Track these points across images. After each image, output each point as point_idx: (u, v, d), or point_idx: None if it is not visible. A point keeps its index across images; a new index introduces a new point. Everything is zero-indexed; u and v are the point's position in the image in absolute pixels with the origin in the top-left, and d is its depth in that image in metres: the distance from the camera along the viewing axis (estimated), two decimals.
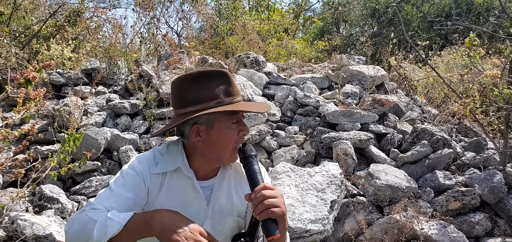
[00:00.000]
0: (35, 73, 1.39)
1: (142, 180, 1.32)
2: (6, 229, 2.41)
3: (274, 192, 1.19)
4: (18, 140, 3.25)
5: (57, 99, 4.36)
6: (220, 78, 1.34)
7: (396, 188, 3.12)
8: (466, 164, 3.69)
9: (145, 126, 4.07)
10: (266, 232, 1.15)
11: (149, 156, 1.38)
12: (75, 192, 3.25)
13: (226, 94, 1.32)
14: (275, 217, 1.15)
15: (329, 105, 4.36)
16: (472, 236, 3.07)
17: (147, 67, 4.62)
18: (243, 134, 1.33)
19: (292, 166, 3.23)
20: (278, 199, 1.17)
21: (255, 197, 1.17)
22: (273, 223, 1.15)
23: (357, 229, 2.97)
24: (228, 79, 1.35)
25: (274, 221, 1.15)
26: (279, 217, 1.16)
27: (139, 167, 1.34)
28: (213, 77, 1.34)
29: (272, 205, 1.15)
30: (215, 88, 1.32)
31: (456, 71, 5.20)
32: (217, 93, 1.31)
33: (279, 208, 1.16)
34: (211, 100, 1.30)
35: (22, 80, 1.38)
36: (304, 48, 7.73)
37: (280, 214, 1.16)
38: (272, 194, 1.17)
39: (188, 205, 1.38)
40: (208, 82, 1.33)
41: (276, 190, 1.21)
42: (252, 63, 5.10)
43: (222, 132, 1.30)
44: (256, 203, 1.16)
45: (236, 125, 1.32)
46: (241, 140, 1.33)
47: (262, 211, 1.15)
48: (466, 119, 4.97)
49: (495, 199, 3.20)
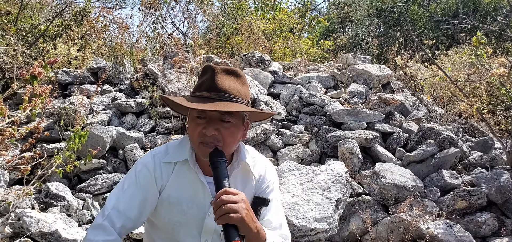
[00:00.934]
0: (40, 69, 1.40)
1: (153, 177, 1.37)
2: (12, 226, 2.43)
3: (235, 197, 1.16)
4: (25, 138, 3.28)
5: (63, 97, 4.39)
6: (207, 73, 1.37)
7: (401, 187, 3.10)
8: (473, 163, 3.66)
9: (151, 125, 4.08)
10: (225, 237, 1.12)
11: (162, 148, 1.44)
12: (81, 190, 3.27)
13: (204, 89, 1.32)
14: (232, 222, 1.13)
15: (335, 104, 4.34)
16: (479, 235, 3.04)
17: (153, 66, 4.63)
18: (204, 131, 1.29)
19: (297, 165, 3.22)
20: (238, 204, 1.15)
21: (214, 202, 1.16)
22: (233, 229, 1.12)
23: (362, 228, 2.95)
24: (211, 74, 1.35)
25: (234, 227, 1.13)
26: (237, 223, 1.14)
27: (152, 163, 1.38)
28: (207, 71, 1.38)
29: (230, 210, 1.13)
30: (200, 81, 1.37)
31: (463, 71, 5.15)
32: (198, 85, 1.37)
33: (237, 213, 1.14)
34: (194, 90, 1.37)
35: (28, 76, 1.39)
36: (309, 47, 7.70)
37: (238, 220, 1.14)
38: (232, 199, 1.15)
39: (195, 197, 1.40)
40: (202, 75, 1.39)
41: (239, 194, 1.18)
42: (258, 62, 5.09)
43: (190, 122, 1.35)
44: (215, 208, 1.15)
45: (202, 120, 1.31)
46: (203, 137, 1.30)
47: (220, 216, 1.13)
48: (473, 119, 4.92)
49: (502, 199, 3.17)
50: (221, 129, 1.31)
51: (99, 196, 3.24)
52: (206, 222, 1.41)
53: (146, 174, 1.37)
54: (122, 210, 1.32)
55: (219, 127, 1.30)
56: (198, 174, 1.39)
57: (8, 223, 2.44)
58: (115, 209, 1.32)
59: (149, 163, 1.39)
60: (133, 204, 1.34)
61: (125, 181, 1.39)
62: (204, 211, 1.40)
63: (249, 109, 1.36)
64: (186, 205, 1.39)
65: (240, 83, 1.39)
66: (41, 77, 1.43)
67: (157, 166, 1.38)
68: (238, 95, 1.35)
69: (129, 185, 1.36)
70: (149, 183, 1.36)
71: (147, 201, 1.36)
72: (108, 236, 1.28)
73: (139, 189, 1.35)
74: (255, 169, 1.51)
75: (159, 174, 1.38)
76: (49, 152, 3.46)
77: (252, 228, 1.21)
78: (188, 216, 1.39)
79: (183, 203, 1.39)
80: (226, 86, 1.33)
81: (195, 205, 1.39)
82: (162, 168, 1.38)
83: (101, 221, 1.31)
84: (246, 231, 1.19)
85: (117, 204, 1.33)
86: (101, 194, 3.26)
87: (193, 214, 1.40)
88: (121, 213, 1.32)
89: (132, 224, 1.35)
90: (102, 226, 1.29)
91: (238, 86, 1.37)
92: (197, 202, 1.39)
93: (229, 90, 1.33)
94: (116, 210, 1.32)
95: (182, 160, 1.40)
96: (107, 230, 1.29)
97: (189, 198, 1.39)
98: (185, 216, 1.39)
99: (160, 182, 1.38)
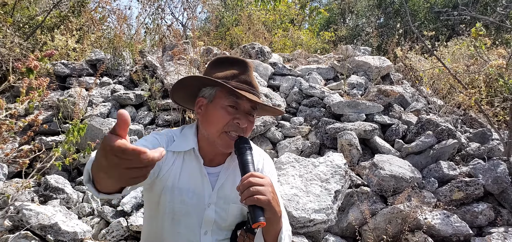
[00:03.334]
0: (36, 62, 1.40)
1: (161, 140, 1.39)
2: (11, 219, 2.44)
3: (262, 180, 1.19)
4: (23, 130, 3.28)
5: (62, 90, 4.38)
6: (240, 66, 1.39)
7: (400, 178, 3.11)
8: (471, 154, 3.67)
9: (150, 117, 4.08)
10: (251, 218, 1.15)
11: (167, 133, 1.45)
12: (80, 183, 3.28)
13: (237, 80, 1.35)
14: (260, 204, 1.15)
15: (334, 96, 4.34)
16: (475, 225, 3.06)
17: (152, 58, 4.62)
18: (237, 122, 1.32)
19: (297, 156, 3.23)
20: (265, 188, 1.18)
21: (241, 184, 1.18)
22: (259, 210, 1.15)
23: (361, 219, 2.97)
24: (246, 68, 1.38)
25: (260, 209, 1.16)
26: (264, 205, 1.16)
27: (161, 138, 1.41)
28: (235, 64, 1.39)
29: (257, 192, 1.15)
30: (229, 71, 1.37)
31: (462, 62, 5.14)
32: (228, 75, 1.36)
33: (264, 196, 1.16)
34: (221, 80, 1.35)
35: (23, 69, 1.39)
36: (310, 39, 7.67)
37: (266, 202, 1.16)
38: (259, 181, 1.17)
39: (196, 187, 1.42)
40: (229, 67, 1.39)
41: (265, 178, 1.21)
42: (257, 54, 5.07)
43: (217, 110, 1.34)
44: (242, 189, 1.17)
45: (233, 110, 1.33)
46: (234, 127, 1.33)
47: (248, 197, 1.15)
48: (472, 110, 4.93)
49: (499, 189, 3.18)
50: (248, 122, 1.36)
51: None
52: (206, 213, 1.42)
53: (155, 136, 1.40)
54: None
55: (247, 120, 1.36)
56: (200, 164, 1.41)
57: (7, 216, 2.45)
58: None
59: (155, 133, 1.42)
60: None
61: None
62: (204, 201, 1.41)
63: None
64: (186, 195, 1.40)
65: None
66: (37, 70, 1.42)
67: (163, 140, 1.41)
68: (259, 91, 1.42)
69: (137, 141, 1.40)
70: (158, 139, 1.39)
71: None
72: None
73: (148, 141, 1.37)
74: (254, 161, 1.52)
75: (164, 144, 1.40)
76: (47, 144, 3.47)
77: (277, 211, 1.24)
78: (189, 206, 1.40)
79: (184, 193, 1.40)
80: (254, 83, 1.40)
81: (195, 195, 1.41)
82: (168, 153, 1.40)
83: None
84: (271, 214, 1.21)
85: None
86: None
87: (193, 204, 1.41)
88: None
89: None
90: None
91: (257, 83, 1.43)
92: (197, 192, 1.41)
93: (256, 87, 1.40)
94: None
95: (186, 150, 1.41)
96: None
97: (190, 188, 1.41)
98: (185, 206, 1.40)
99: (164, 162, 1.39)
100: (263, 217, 1.15)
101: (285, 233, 1.40)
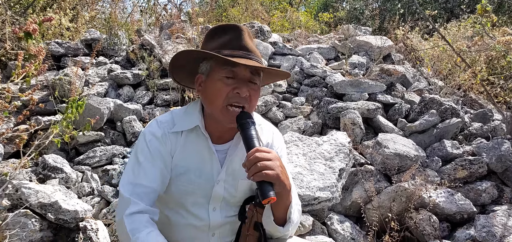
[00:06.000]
0: (35, 26, 1.31)
1: (163, 144, 1.32)
2: (10, 197, 2.37)
3: (269, 154, 1.14)
4: (18, 111, 3.19)
5: (57, 70, 4.27)
6: (233, 31, 1.29)
7: (404, 156, 3.08)
8: (473, 134, 3.65)
9: (148, 96, 3.99)
10: (260, 194, 1.11)
11: (167, 117, 1.38)
12: (79, 162, 3.21)
13: (231, 47, 1.25)
14: (269, 179, 1.11)
15: (336, 75, 4.28)
16: (479, 203, 3.05)
17: (149, 37, 4.50)
18: (237, 92, 1.24)
19: (300, 135, 3.18)
20: (273, 162, 1.13)
21: (248, 160, 1.13)
22: (268, 186, 1.11)
23: (365, 197, 2.94)
24: (239, 33, 1.28)
25: (269, 184, 1.11)
26: (273, 180, 1.12)
27: (159, 132, 1.33)
28: (227, 31, 1.30)
29: (265, 167, 1.11)
30: (223, 40, 1.28)
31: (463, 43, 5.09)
32: (222, 44, 1.27)
33: (273, 170, 1.12)
34: (214, 50, 1.26)
35: (21, 33, 1.30)
36: (308, 20, 7.57)
37: (274, 177, 1.12)
38: (267, 156, 1.13)
39: (203, 165, 1.37)
40: (222, 35, 1.30)
41: (272, 152, 1.16)
42: (257, 33, 4.97)
43: (214, 84, 1.26)
44: (249, 165, 1.12)
45: (232, 81, 1.24)
46: (235, 98, 1.24)
47: (256, 173, 1.11)
48: (472, 91, 4.91)
49: (502, 167, 3.17)
50: (250, 90, 1.26)
51: (98, 169, 3.18)
52: (215, 190, 1.38)
53: (157, 143, 1.32)
54: (146, 184, 1.26)
55: (249, 88, 1.26)
56: (208, 140, 1.36)
57: (6, 194, 2.38)
58: (138, 185, 1.25)
59: (157, 131, 1.34)
60: (155, 175, 1.28)
61: (138, 155, 1.31)
62: (212, 179, 1.37)
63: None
64: (194, 173, 1.35)
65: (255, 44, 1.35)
66: (36, 34, 1.33)
67: (165, 133, 1.33)
68: (259, 55, 1.32)
69: (145, 158, 1.29)
70: (162, 150, 1.32)
71: (166, 167, 1.32)
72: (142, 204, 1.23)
73: (155, 159, 1.29)
74: (263, 135, 1.47)
75: (168, 141, 1.33)
76: (44, 124, 3.38)
77: (287, 185, 1.19)
78: (196, 184, 1.36)
79: (191, 172, 1.35)
80: (251, 47, 1.28)
81: (203, 174, 1.36)
82: (170, 137, 1.34)
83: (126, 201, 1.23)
84: (281, 188, 1.16)
85: (138, 180, 1.26)
86: (100, 166, 3.20)
87: (201, 183, 1.36)
88: (145, 187, 1.26)
89: (156, 194, 1.29)
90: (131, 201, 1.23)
91: (255, 48, 1.33)
92: (205, 170, 1.36)
93: (254, 51, 1.29)
94: (140, 186, 1.25)
95: (190, 128, 1.35)
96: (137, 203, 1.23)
97: (196, 166, 1.35)
98: (192, 185, 1.36)
99: (169, 147, 1.34)
100: (273, 192, 1.11)
101: (295, 207, 1.36)
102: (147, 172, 1.27)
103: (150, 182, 1.26)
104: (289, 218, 1.28)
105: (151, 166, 1.28)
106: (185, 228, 1.39)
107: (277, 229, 1.28)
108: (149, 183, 1.26)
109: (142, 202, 1.22)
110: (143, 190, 1.25)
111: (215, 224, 1.40)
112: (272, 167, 1.12)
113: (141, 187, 1.25)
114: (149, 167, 1.28)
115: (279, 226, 1.28)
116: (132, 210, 1.19)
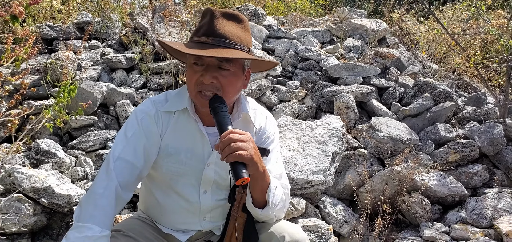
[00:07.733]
0: (21, 8, 1.28)
1: (154, 123, 1.33)
2: (3, 182, 2.37)
3: (243, 136, 1.15)
4: (9, 95, 3.15)
5: (49, 53, 4.21)
6: (205, 17, 1.30)
7: (397, 140, 3.10)
8: (467, 117, 3.68)
9: (142, 81, 3.96)
10: (234, 175, 1.12)
11: (161, 96, 1.40)
12: (72, 147, 3.20)
13: (201, 33, 1.27)
14: (242, 160, 1.12)
15: (331, 59, 4.26)
16: (470, 186, 3.09)
17: (142, 20, 4.44)
18: (201, 79, 1.24)
19: (293, 119, 3.18)
20: (247, 143, 1.14)
21: (221, 141, 1.13)
22: (241, 166, 1.12)
23: (357, 181, 2.97)
24: (209, 18, 1.27)
25: (243, 165, 1.13)
26: (247, 161, 1.13)
27: (153, 110, 1.35)
28: (204, 15, 1.32)
29: (238, 148, 1.11)
30: (199, 26, 1.31)
31: (458, 26, 5.07)
32: (196, 29, 1.30)
33: (247, 151, 1.13)
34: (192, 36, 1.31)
35: (7, 17, 1.27)
36: (303, 3, 7.48)
37: (248, 157, 1.13)
38: (240, 137, 1.14)
39: (194, 147, 1.37)
40: (201, 20, 1.33)
41: (246, 134, 1.17)
42: (251, 16, 4.92)
43: (188, 69, 1.30)
44: (222, 147, 1.13)
45: (200, 67, 1.25)
46: (200, 85, 1.25)
47: (229, 154, 1.11)
48: (466, 75, 4.92)
49: (494, 151, 3.21)
50: (220, 77, 1.25)
51: (92, 153, 3.17)
52: (205, 172, 1.38)
53: (148, 121, 1.32)
54: (130, 160, 1.28)
55: (217, 75, 1.24)
56: (198, 122, 1.36)
57: None
58: (121, 159, 1.27)
59: (151, 109, 1.34)
60: (139, 153, 1.29)
61: (127, 129, 1.33)
62: (203, 161, 1.38)
63: (249, 57, 1.28)
64: (184, 155, 1.36)
65: (241, 29, 1.31)
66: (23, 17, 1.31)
67: (157, 112, 1.34)
68: (239, 41, 1.27)
69: (133, 133, 1.31)
70: (152, 129, 1.32)
71: (152, 147, 1.33)
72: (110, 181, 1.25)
73: (143, 136, 1.31)
74: (256, 120, 1.47)
75: (160, 121, 1.34)
76: (36, 109, 3.34)
77: (260, 167, 1.21)
78: (187, 166, 1.37)
79: (181, 153, 1.36)
80: (225, 31, 1.25)
81: (194, 155, 1.37)
82: (162, 116, 1.34)
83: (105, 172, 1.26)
84: (254, 170, 1.18)
85: (123, 154, 1.28)
86: (94, 150, 3.19)
87: (192, 164, 1.37)
88: (128, 163, 1.27)
89: (138, 172, 1.30)
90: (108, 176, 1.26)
91: (239, 32, 1.28)
92: (196, 152, 1.37)
93: (228, 36, 1.25)
94: (122, 160, 1.27)
95: (181, 109, 1.36)
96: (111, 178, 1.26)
97: (187, 148, 1.36)
98: (183, 166, 1.37)
99: (160, 128, 1.34)
100: (246, 171, 1.12)
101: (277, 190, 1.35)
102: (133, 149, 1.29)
103: (134, 159, 1.28)
104: (268, 201, 1.28)
105: (137, 143, 1.30)
106: (176, 211, 1.40)
107: (256, 211, 1.30)
108: (132, 160, 1.28)
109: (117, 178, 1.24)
110: (124, 165, 1.27)
111: (205, 207, 1.41)
112: (245, 148, 1.13)
113: (124, 162, 1.27)
114: (135, 143, 1.30)
115: (258, 209, 1.29)
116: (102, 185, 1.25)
